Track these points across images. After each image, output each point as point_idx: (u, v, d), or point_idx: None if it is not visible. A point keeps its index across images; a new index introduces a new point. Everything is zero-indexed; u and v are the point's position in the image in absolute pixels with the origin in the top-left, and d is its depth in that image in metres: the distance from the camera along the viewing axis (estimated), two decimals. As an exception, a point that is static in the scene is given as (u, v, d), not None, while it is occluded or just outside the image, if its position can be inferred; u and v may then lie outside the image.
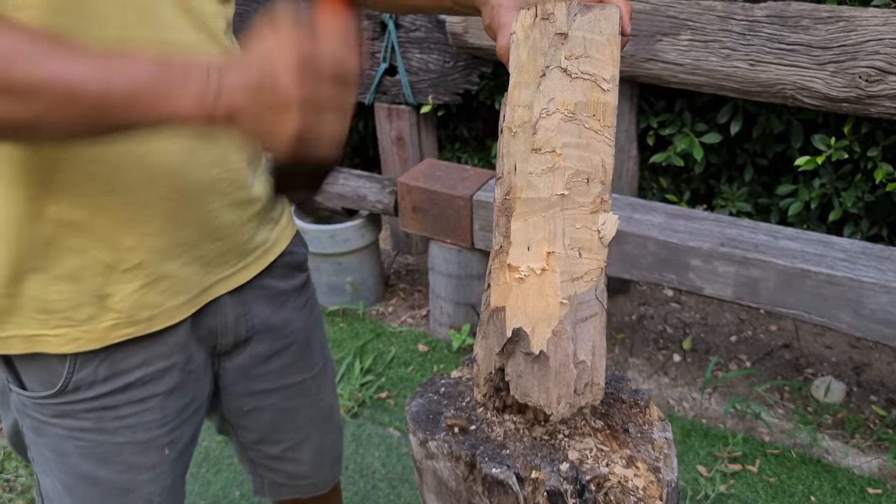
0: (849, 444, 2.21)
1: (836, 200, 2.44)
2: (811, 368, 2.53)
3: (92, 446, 1.03)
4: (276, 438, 1.29)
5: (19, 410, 1.03)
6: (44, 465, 1.06)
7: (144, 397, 1.03)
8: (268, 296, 1.16)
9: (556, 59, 0.83)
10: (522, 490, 0.84)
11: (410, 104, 2.94)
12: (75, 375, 0.97)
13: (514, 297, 0.80)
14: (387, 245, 3.46)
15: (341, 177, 2.89)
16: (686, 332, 2.74)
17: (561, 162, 0.79)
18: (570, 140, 0.80)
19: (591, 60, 0.82)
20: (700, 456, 2.19)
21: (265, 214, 1.13)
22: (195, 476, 2.24)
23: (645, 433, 0.90)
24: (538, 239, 0.80)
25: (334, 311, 2.96)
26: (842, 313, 1.93)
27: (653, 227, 2.15)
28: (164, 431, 1.07)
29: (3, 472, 2.30)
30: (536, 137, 0.81)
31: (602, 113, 0.81)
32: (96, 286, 0.95)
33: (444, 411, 0.96)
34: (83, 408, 1.00)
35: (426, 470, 0.94)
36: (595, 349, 0.81)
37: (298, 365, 1.25)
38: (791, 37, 2.04)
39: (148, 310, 0.99)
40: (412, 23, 2.79)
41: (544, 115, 0.81)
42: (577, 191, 0.79)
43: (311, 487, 1.40)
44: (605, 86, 0.81)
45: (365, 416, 2.44)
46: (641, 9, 2.25)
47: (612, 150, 0.80)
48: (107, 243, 0.94)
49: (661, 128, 2.63)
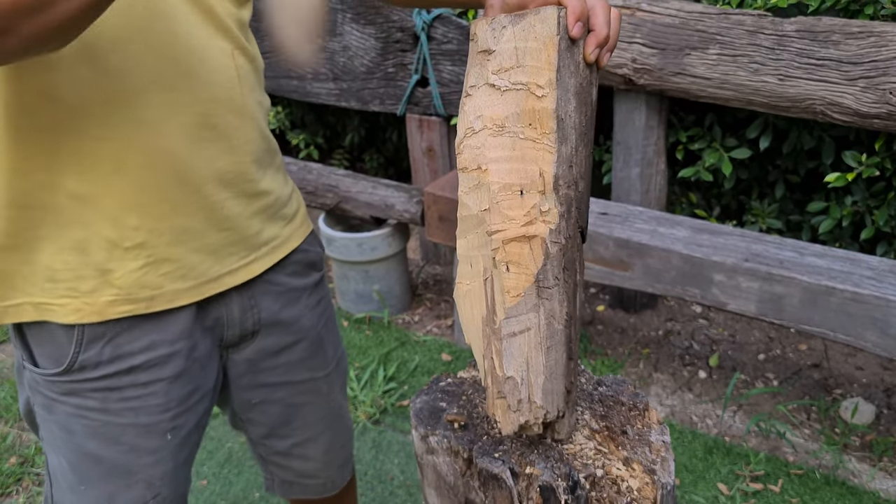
0: (876, 467, 2.16)
1: (868, 218, 2.40)
2: (840, 389, 2.48)
3: (97, 426, 1.06)
4: (285, 433, 1.31)
5: (32, 388, 1.07)
6: (52, 442, 1.10)
7: (149, 381, 1.06)
8: (278, 291, 1.19)
9: (482, 76, 0.81)
10: (517, 485, 0.85)
11: (441, 116, 2.97)
12: (81, 355, 1.01)
13: (462, 308, 0.83)
14: (416, 255, 3.49)
15: (370, 185, 2.93)
16: (713, 348, 2.71)
17: (486, 178, 0.79)
18: (501, 154, 0.79)
19: (525, 69, 0.79)
20: (721, 474, 2.16)
21: (276, 210, 1.16)
22: (217, 476, 2.27)
23: (643, 436, 0.90)
24: (476, 255, 0.81)
25: (360, 319, 2.99)
26: (868, 332, 1.90)
27: (677, 241, 2.14)
28: (168, 417, 1.09)
29: (34, 466, 2.36)
30: (462, 157, 0.81)
31: (538, 120, 0.79)
32: (99, 260, 0.99)
33: (446, 408, 0.98)
34: (89, 387, 1.03)
35: (427, 465, 0.95)
36: (529, 365, 0.80)
37: (309, 363, 1.26)
38: (821, 52, 2.03)
39: (148, 289, 1.02)
40: (444, 35, 2.82)
41: (469, 134, 0.81)
42: (506, 204, 0.78)
43: (321, 488, 1.41)
44: (540, 92, 0.78)
45: (386, 423, 2.46)
46: (670, 23, 2.25)
47: (554, 156, 0.78)
48: (111, 220, 0.98)
49: (690, 142, 2.61)
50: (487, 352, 0.81)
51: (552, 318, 0.80)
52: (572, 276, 0.81)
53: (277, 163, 1.18)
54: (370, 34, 2.99)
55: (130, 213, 0.98)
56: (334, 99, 3.21)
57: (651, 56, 2.29)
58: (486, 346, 0.81)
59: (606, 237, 2.21)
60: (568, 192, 0.80)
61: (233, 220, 1.08)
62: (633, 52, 2.31)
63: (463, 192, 0.81)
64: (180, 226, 1.02)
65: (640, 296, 2.90)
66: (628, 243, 2.18)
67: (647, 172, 2.58)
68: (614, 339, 2.79)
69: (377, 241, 2.88)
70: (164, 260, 1.02)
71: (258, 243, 1.13)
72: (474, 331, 0.83)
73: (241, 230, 1.10)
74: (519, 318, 0.79)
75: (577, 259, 0.84)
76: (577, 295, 0.85)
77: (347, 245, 2.89)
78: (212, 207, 1.04)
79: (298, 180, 3.07)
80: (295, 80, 3.28)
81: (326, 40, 3.10)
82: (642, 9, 2.31)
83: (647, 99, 2.44)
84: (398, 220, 2.91)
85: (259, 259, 1.14)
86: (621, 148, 2.57)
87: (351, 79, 3.13)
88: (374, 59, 3.04)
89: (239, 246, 1.10)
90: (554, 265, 0.78)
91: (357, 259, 2.90)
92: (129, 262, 1.00)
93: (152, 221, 1.00)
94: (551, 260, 0.78)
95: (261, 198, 1.11)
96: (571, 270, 0.81)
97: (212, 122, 1.01)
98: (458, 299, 0.83)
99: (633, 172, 2.58)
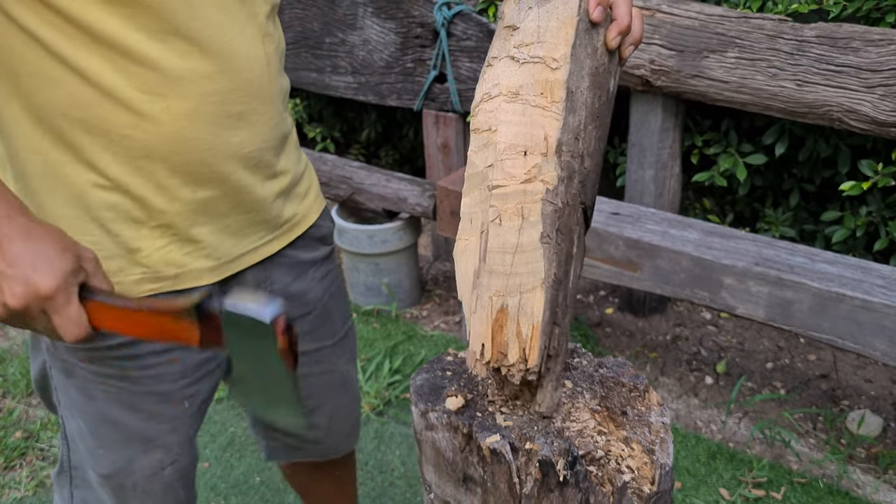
0: (881, 479, 2.14)
1: (882, 230, 2.38)
2: (848, 401, 2.47)
3: (117, 392, 1.07)
4: None
5: (50, 353, 1.08)
6: (70, 406, 1.11)
7: (166, 349, 1.07)
8: (289, 264, 1.20)
9: (504, 49, 0.87)
10: (516, 460, 0.85)
11: (458, 112, 2.98)
12: None
13: (459, 264, 0.85)
14: (427, 252, 3.49)
15: (383, 178, 2.94)
16: (721, 355, 2.70)
17: (495, 138, 0.82)
18: (511, 118, 0.83)
19: (543, 45, 0.84)
20: (724, 479, 2.15)
21: (292, 188, 1.17)
22: (219, 459, 2.28)
23: (643, 416, 0.90)
24: (476, 211, 0.84)
25: (368, 311, 3.00)
26: (877, 341, 1.88)
27: (687, 243, 2.13)
28: (185, 384, 1.11)
29: (39, 442, 2.38)
30: (476, 119, 0.85)
31: (549, 90, 0.82)
32: (126, 239, 1.00)
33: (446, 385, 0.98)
34: (110, 355, 1.05)
35: (425, 441, 0.96)
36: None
37: (317, 333, 1.28)
38: (840, 58, 2.02)
39: (174, 267, 1.04)
40: (464, 32, 2.83)
41: (485, 99, 0.85)
42: (509, 163, 0.81)
43: (324, 451, 1.43)
44: (554, 64, 0.83)
45: (390, 414, 2.46)
46: (689, 25, 2.25)
47: (559, 123, 0.81)
48: (138, 202, 1.00)
49: (705, 147, 2.61)
50: (475, 305, 0.83)
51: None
52: (566, 243, 0.82)
53: (291, 140, 1.19)
54: (390, 28, 3.01)
55: (158, 196, 1.00)
56: (352, 93, 3.22)
57: (669, 58, 2.29)
58: (475, 299, 0.83)
59: (617, 236, 2.20)
60: (571, 162, 0.82)
61: (256, 203, 1.09)
62: (652, 54, 2.31)
63: (472, 151, 0.84)
64: (205, 208, 1.04)
65: (650, 300, 2.89)
66: (638, 243, 2.17)
67: (662, 175, 2.57)
68: (622, 342, 2.78)
69: (388, 234, 2.89)
70: (188, 240, 1.04)
71: (279, 223, 1.15)
72: (466, 286, 0.85)
73: (264, 212, 1.11)
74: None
75: (574, 232, 0.85)
76: (572, 269, 0.85)
77: (359, 237, 2.90)
78: (236, 190, 1.06)
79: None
80: (314, 73, 3.30)
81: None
82: (662, 10, 2.31)
83: (663, 101, 2.44)
84: (410, 214, 2.91)
85: (278, 237, 1.16)
86: (636, 150, 2.57)
87: (369, 73, 3.14)
88: (393, 54, 3.05)
89: (260, 226, 1.12)
90: (546, 224, 0.79)
91: (368, 251, 2.91)
92: (155, 241, 1.02)
93: (178, 204, 1.01)
94: (544, 218, 0.78)
95: (279, 178, 1.13)
96: (567, 237, 0.82)
97: (238, 110, 1.02)
98: (456, 256, 0.85)
99: (647, 175, 2.57)
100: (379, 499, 2.14)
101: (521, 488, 0.84)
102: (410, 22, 2.95)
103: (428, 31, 2.92)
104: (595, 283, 3.13)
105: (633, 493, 0.83)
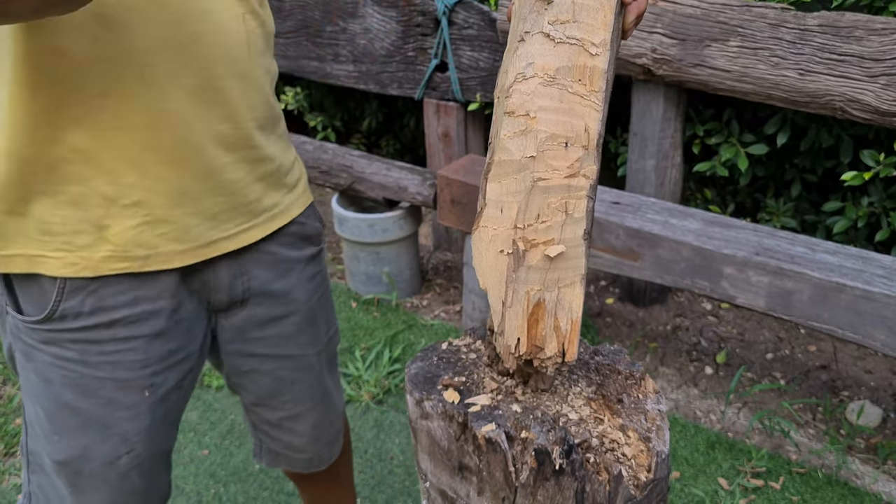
0: (879, 470, 2.14)
1: (884, 220, 2.37)
2: (847, 391, 2.46)
3: (75, 377, 1.05)
4: (275, 405, 1.31)
5: (13, 334, 1.07)
6: (30, 390, 1.09)
7: (128, 336, 1.06)
8: (271, 261, 1.18)
9: (537, 24, 0.82)
10: (511, 449, 0.85)
11: (459, 101, 2.97)
12: (62, 304, 1.01)
13: (482, 251, 0.82)
14: (427, 242, 3.49)
15: (384, 167, 2.93)
16: (721, 346, 2.70)
17: (534, 125, 0.79)
18: (549, 104, 0.79)
19: (580, 25, 0.80)
20: (722, 469, 2.15)
21: (278, 178, 1.15)
22: (218, 447, 2.29)
23: (639, 404, 0.90)
24: (510, 201, 0.81)
25: (369, 300, 3.00)
26: (877, 331, 1.88)
27: (688, 233, 2.13)
28: (146, 373, 1.09)
29: None
30: (510, 101, 0.81)
31: (589, 78, 0.79)
32: (96, 216, 0.99)
33: (441, 374, 0.97)
34: (68, 338, 1.03)
35: (420, 430, 0.95)
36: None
37: (301, 338, 1.26)
38: (843, 47, 2.01)
39: (144, 248, 1.02)
40: (465, 21, 2.82)
41: (520, 80, 0.81)
42: (551, 154, 0.78)
43: (307, 463, 1.41)
44: (594, 50, 0.80)
45: (389, 403, 2.46)
46: (692, 13, 2.23)
47: (599, 114, 0.79)
48: (109, 176, 0.98)
49: (707, 136, 2.60)
50: (510, 299, 0.80)
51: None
52: (589, 236, 0.82)
53: (280, 130, 1.18)
54: (392, 17, 2.99)
55: (129, 171, 0.98)
56: (353, 81, 3.21)
57: (671, 46, 2.27)
58: (511, 294, 0.81)
59: (617, 226, 2.20)
60: (599, 152, 0.81)
61: (233, 185, 1.07)
62: (654, 42, 2.30)
63: (506, 135, 0.80)
64: (179, 187, 1.02)
65: (650, 290, 2.88)
66: (639, 233, 2.17)
67: (663, 165, 2.56)
68: (622, 332, 2.78)
69: (389, 223, 2.88)
70: (160, 220, 1.02)
71: (258, 210, 1.13)
72: (494, 277, 0.82)
73: (241, 196, 1.09)
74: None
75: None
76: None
77: (359, 226, 2.89)
78: (212, 171, 1.04)
79: (314, 159, 3.08)
80: (315, 62, 3.29)
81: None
82: (664, -1, 2.29)
83: (665, 91, 2.42)
84: (411, 203, 2.91)
85: (257, 226, 1.14)
86: (637, 139, 2.56)
87: (370, 61, 3.13)
88: (394, 43, 3.04)
89: (238, 211, 1.10)
90: (588, 221, 0.78)
91: (368, 240, 2.91)
92: (126, 220, 1.00)
93: (151, 181, 1.00)
94: (588, 215, 0.78)
95: (263, 164, 1.11)
96: (588, 231, 0.82)
97: (216, 84, 1.01)
98: (478, 242, 0.82)
99: (649, 164, 2.57)
100: (378, 487, 2.14)
101: (516, 477, 0.84)
102: (412, 10, 2.93)
103: (429, 20, 2.91)
104: (596, 273, 3.12)
105: (630, 480, 0.82)
